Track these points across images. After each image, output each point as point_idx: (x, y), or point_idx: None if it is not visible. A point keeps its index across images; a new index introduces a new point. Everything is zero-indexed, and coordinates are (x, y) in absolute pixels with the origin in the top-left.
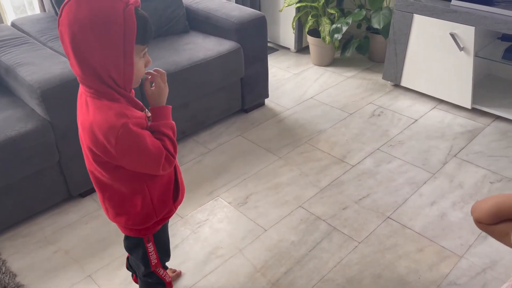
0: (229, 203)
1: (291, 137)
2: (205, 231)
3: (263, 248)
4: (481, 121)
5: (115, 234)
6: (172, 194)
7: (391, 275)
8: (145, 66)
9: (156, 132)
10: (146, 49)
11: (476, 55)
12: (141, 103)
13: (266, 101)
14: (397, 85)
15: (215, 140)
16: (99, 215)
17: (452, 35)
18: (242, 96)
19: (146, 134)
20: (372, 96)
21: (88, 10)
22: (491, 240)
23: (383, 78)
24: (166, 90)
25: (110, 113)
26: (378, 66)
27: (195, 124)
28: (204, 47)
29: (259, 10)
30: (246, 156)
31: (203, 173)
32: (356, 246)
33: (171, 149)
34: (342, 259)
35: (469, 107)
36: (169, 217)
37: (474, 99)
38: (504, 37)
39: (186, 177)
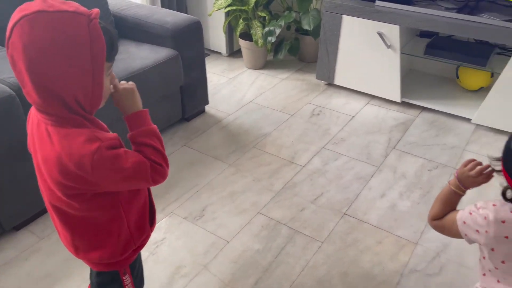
0: (184, 218)
1: (237, 142)
2: (164, 251)
3: (228, 261)
4: (410, 113)
5: (64, 267)
6: (148, 218)
7: (357, 271)
8: (110, 83)
9: (135, 144)
10: (111, 66)
11: (401, 52)
12: (105, 125)
13: (207, 107)
14: (331, 84)
15: None
16: (40, 248)
17: (379, 34)
18: (183, 105)
19: (123, 152)
20: (308, 96)
21: (46, 29)
22: None
23: (316, 78)
24: (132, 93)
25: (79, 140)
26: (309, 66)
27: None
28: (139, 56)
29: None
30: (194, 166)
31: (153, 189)
32: (319, 246)
33: (156, 158)
34: (308, 262)
35: (399, 101)
36: (146, 243)
37: (403, 93)
38: (422, 34)
39: None
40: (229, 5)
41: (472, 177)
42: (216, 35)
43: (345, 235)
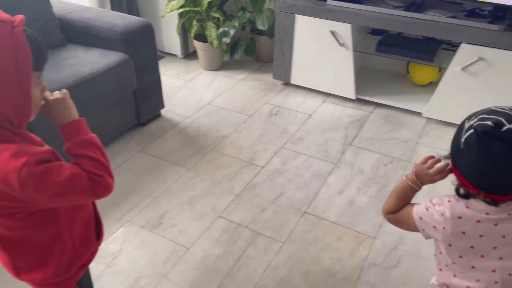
0: (142, 226)
1: (195, 146)
2: (121, 262)
3: (189, 268)
4: (365, 109)
5: None
6: (94, 232)
7: (319, 269)
8: (41, 93)
9: (73, 157)
10: (41, 75)
11: (354, 50)
12: (39, 139)
13: (163, 111)
14: (288, 83)
15: (114, 160)
16: None
17: (332, 33)
18: (137, 109)
19: (55, 165)
20: (266, 96)
21: None
22: None
23: (273, 78)
24: (63, 103)
25: (4, 155)
26: (266, 66)
27: None
28: (88, 61)
29: (138, 17)
30: (151, 172)
31: (107, 198)
32: (281, 247)
33: (95, 169)
34: (270, 263)
35: (354, 98)
36: (92, 259)
37: (357, 90)
38: (373, 32)
39: None
40: (181, 7)
41: (430, 175)
42: (170, 37)
43: (306, 233)
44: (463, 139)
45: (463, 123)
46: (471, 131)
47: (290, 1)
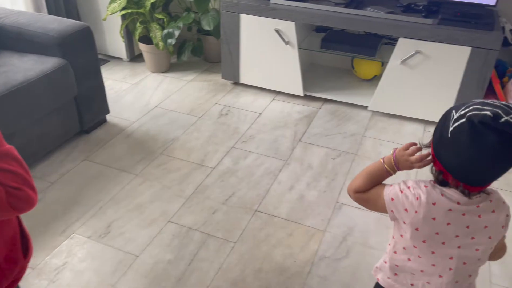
0: (88, 237)
1: (143, 151)
2: (66, 276)
3: (139, 276)
4: (313, 105)
5: None
6: (21, 249)
7: (270, 266)
8: None
9: None
10: None
11: (299, 47)
12: None
13: (108, 117)
14: (237, 83)
15: (57, 171)
16: None
17: (277, 31)
18: (80, 116)
19: None
20: (216, 96)
21: None
22: (345, 210)
23: (222, 78)
24: None
25: None
26: (215, 66)
27: (27, 156)
28: (22, 68)
29: (79, 21)
30: (97, 181)
31: (50, 211)
32: (232, 247)
33: (13, 183)
34: (222, 264)
35: (302, 95)
36: (22, 276)
37: (305, 87)
38: (318, 29)
39: (29, 221)
40: (123, 9)
41: (411, 162)
42: (114, 40)
43: (258, 231)
44: (451, 129)
45: (449, 112)
46: (462, 120)
47: (234, 0)
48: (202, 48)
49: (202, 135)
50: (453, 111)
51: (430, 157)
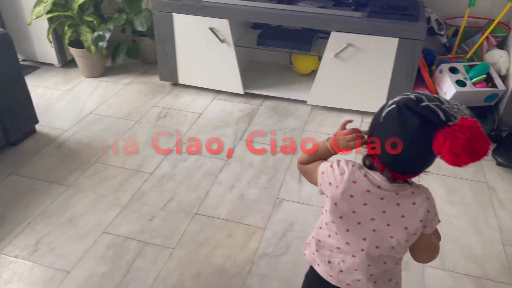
0: (15, 257)
1: (77, 160)
2: None
3: None
4: (254, 103)
5: None
6: None
7: (210, 269)
8: None
9: None
10: None
11: (236, 45)
12: None
13: (38, 127)
14: (176, 84)
15: None
16: None
17: (211, 29)
18: (4, 128)
19: None
20: (154, 99)
21: None
22: (285, 205)
23: (160, 79)
24: None
25: None
26: (153, 68)
27: None
28: None
29: (2, 26)
30: (26, 196)
31: None
32: (171, 253)
33: None
34: (160, 271)
35: (242, 93)
36: None
37: (245, 85)
38: (255, 26)
39: None
40: (49, 12)
41: (346, 140)
42: (43, 46)
43: (197, 235)
44: (384, 113)
45: (387, 101)
46: (393, 105)
47: (165, 0)
48: (138, 50)
49: (139, 140)
50: (391, 99)
51: (364, 139)
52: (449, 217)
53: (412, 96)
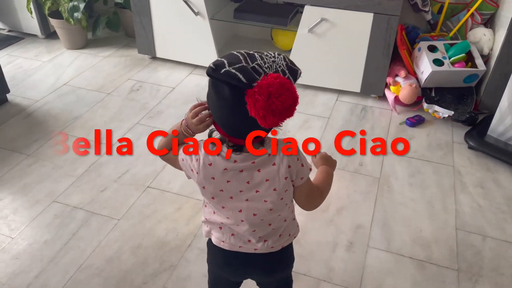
0: None
1: (42, 131)
2: None
3: (9, 258)
4: None
5: None
6: None
7: (151, 241)
8: None
9: None
10: None
11: (212, 18)
12: None
13: (10, 96)
14: (155, 57)
15: None
16: None
17: (185, 1)
18: None
19: None
20: (130, 72)
21: None
22: None
23: (139, 53)
24: None
25: None
26: (135, 41)
27: None
28: None
29: None
30: None
31: None
32: (116, 224)
33: None
34: (101, 242)
35: None
36: None
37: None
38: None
39: None
40: None
41: (195, 124)
42: (26, 17)
43: (145, 208)
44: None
45: None
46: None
47: None
48: (118, 22)
49: (107, 112)
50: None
51: (210, 119)
52: (406, 199)
53: (211, 64)
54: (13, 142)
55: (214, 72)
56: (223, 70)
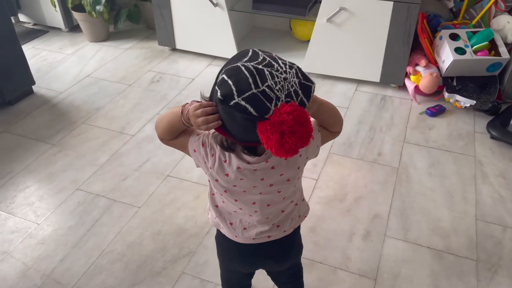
0: None
1: (65, 121)
2: None
3: (35, 243)
4: None
5: None
6: None
7: (170, 228)
8: None
9: None
10: None
11: (231, 9)
12: None
13: (35, 88)
14: (175, 49)
15: None
16: None
17: None
18: None
19: None
20: (151, 63)
21: None
22: None
23: (159, 44)
24: None
25: None
26: (156, 33)
27: None
28: None
29: None
30: (11, 153)
31: None
32: (136, 212)
33: None
34: (122, 228)
35: None
36: None
37: (241, 49)
38: None
39: None
40: None
41: (198, 124)
42: (50, 10)
43: (165, 196)
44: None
45: (219, 73)
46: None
47: None
48: (139, 14)
49: (128, 103)
50: (220, 71)
51: (217, 121)
52: (424, 189)
53: (218, 95)
54: (38, 132)
55: (222, 103)
56: (232, 102)
